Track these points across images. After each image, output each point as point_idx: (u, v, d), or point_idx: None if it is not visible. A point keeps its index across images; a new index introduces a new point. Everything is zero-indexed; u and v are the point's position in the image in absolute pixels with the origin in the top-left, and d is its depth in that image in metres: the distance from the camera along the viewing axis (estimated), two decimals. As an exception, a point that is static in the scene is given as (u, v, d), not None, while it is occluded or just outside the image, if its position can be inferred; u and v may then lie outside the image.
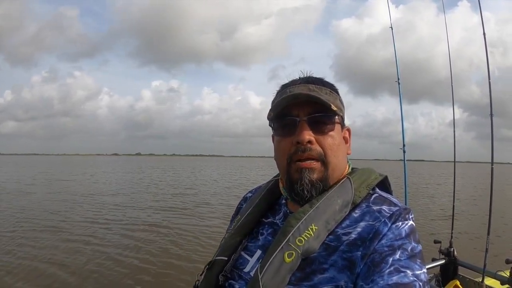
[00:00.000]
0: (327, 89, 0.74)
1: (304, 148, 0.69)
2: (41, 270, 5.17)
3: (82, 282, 4.79)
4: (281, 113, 0.72)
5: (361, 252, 0.63)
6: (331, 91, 0.74)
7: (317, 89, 0.72)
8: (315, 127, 0.70)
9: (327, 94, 0.73)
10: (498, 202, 12.29)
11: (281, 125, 0.73)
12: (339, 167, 0.74)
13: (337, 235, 0.67)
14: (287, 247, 0.65)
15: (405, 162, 2.62)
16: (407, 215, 0.67)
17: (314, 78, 0.77)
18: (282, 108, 0.71)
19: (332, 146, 0.71)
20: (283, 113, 0.72)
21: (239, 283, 0.73)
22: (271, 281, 0.62)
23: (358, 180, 0.74)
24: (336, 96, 0.75)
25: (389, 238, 0.62)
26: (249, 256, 0.76)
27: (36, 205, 11.14)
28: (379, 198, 0.71)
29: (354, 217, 0.69)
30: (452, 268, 2.64)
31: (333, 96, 0.74)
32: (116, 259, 5.72)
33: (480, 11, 2.36)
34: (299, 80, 0.76)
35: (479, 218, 9.28)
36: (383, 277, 0.57)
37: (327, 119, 0.71)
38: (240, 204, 0.97)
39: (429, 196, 15.85)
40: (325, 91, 0.73)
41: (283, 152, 0.72)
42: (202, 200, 13.17)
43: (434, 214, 10.39)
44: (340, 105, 0.75)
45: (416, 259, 0.60)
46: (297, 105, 0.71)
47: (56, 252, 6.10)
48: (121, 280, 4.86)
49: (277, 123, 0.74)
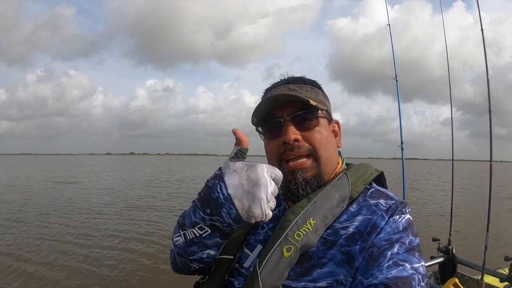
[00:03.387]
0: (307, 86, 0.76)
1: (292, 146, 0.70)
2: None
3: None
4: (265, 117, 0.74)
5: (359, 246, 0.63)
6: (311, 87, 0.76)
7: (297, 87, 0.74)
8: (300, 125, 0.72)
9: (307, 91, 0.75)
10: (495, 200, 12.44)
11: (268, 128, 0.75)
12: (331, 160, 0.75)
13: (335, 230, 0.67)
14: (285, 241, 0.65)
15: (403, 160, 2.63)
16: (403, 208, 0.68)
17: (294, 78, 0.79)
18: (266, 112, 0.73)
19: (320, 140, 0.72)
20: (268, 116, 0.74)
21: (238, 279, 0.73)
22: (269, 276, 0.62)
23: (354, 175, 0.75)
24: (317, 91, 0.77)
25: (387, 232, 0.63)
26: (250, 250, 0.76)
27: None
28: (376, 192, 0.73)
29: (351, 211, 0.70)
30: (451, 265, 2.65)
31: (314, 92, 0.75)
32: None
33: (477, 7, 2.36)
34: (280, 82, 0.79)
35: (477, 216, 9.39)
36: (382, 271, 0.58)
37: (310, 115, 0.72)
38: None
39: (426, 194, 15.99)
40: (305, 89, 0.75)
41: (272, 154, 0.74)
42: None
43: (432, 212, 10.47)
44: (324, 99, 0.77)
45: (414, 252, 0.61)
46: (280, 107, 0.73)
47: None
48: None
49: (264, 127, 0.77)
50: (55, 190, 16.09)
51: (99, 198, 13.30)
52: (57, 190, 16.06)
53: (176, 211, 10.15)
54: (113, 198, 13.10)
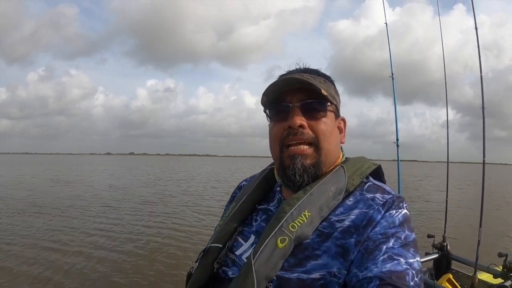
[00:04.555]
0: (321, 78, 0.76)
1: (296, 131, 0.70)
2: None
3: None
4: (275, 100, 0.74)
5: (355, 239, 0.63)
6: (325, 80, 0.76)
7: (311, 77, 0.73)
8: (308, 113, 0.72)
9: (321, 82, 0.74)
10: (496, 200, 12.41)
11: (275, 111, 0.75)
12: (332, 153, 0.75)
13: (331, 222, 0.67)
14: (280, 232, 0.65)
15: (398, 155, 2.65)
16: (400, 203, 0.67)
17: (310, 68, 0.79)
18: (276, 95, 0.74)
19: (324, 132, 0.72)
20: (277, 100, 0.74)
21: (232, 269, 0.73)
22: (263, 267, 0.62)
23: (351, 168, 0.75)
24: (330, 85, 0.77)
25: (383, 226, 0.63)
26: (244, 241, 0.76)
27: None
28: (373, 186, 0.72)
29: (347, 204, 0.69)
30: (445, 262, 2.67)
31: (327, 85, 0.75)
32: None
33: (472, 5, 2.39)
34: (295, 70, 0.78)
35: (472, 213, 9.40)
36: (376, 265, 0.58)
37: (320, 105, 0.73)
38: (234, 192, 0.97)
39: (422, 192, 16.02)
40: (319, 80, 0.74)
41: (275, 137, 0.74)
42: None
43: (427, 209, 10.52)
44: (335, 94, 0.77)
45: (409, 247, 0.61)
46: (290, 92, 0.73)
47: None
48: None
49: (271, 109, 0.76)
50: (64, 187, 16.44)
51: (109, 194, 13.84)
52: (66, 187, 16.37)
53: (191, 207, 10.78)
54: (124, 195, 13.61)
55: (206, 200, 12.68)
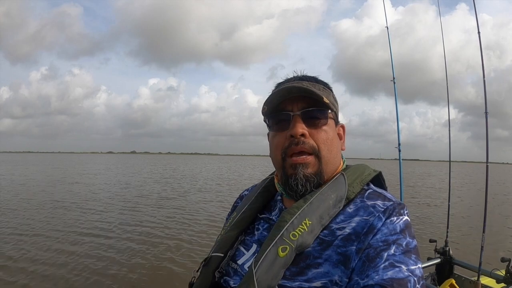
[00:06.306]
0: (320, 85, 0.77)
1: (298, 141, 0.70)
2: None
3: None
4: (275, 109, 0.74)
5: (356, 246, 0.63)
6: (324, 87, 0.77)
7: (310, 85, 0.74)
8: (309, 121, 0.72)
9: (320, 90, 0.74)
10: (494, 202, 12.34)
11: (276, 120, 0.75)
12: (333, 161, 0.75)
13: (332, 230, 0.67)
14: (281, 241, 0.65)
15: (400, 161, 2.64)
16: (401, 210, 0.67)
17: (308, 76, 0.79)
18: (276, 104, 0.74)
19: (325, 140, 0.72)
20: (278, 109, 0.74)
21: (233, 279, 0.73)
22: (265, 276, 0.62)
23: (352, 175, 0.74)
24: (329, 92, 0.78)
25: (384, 233, 0.63)
26: (246, 250, 0.76)
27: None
28: (373, 193, 0.72)
29: (348, 212, 0.69)
30: (448, 267, 2.65)
31: (326, 92, 0.76)
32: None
33: (474, 5, 2.37)
34: (293, 78, 0.79)
35: (474, 217, 9.35)
36: (378, 272, 0.57)
37: (320, 113, 0.73)
38: (236, 202, 0.97)
39: (424, 195, 15.94)
40: (318, 87, 0.75)
41: (277, 146, 0.74)
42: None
43: (429, 213, 10.45)
44: (334, 101, 0.77)
45: (411, 254, 0.60)
46: (291, 101, 0.73)
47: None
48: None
49: (272, 118, 0.76)
50: (74, 185, 16.81)
51: (119, 190, 14.42)
52: (77, 185, 16.73)
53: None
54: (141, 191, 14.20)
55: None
